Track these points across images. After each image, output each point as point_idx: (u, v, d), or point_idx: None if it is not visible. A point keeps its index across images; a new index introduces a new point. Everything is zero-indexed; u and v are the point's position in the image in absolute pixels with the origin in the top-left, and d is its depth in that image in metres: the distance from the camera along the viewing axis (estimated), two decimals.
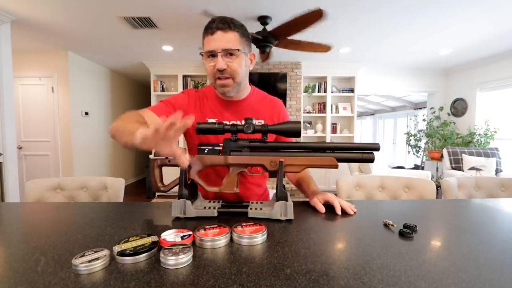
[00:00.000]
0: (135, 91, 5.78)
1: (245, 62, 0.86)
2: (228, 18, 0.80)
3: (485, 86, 4.16)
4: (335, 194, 0.91)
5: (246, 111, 0.94)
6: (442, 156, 4.10)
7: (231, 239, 0.56)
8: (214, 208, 0.72)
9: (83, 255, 0.46)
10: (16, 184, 2.71)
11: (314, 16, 2.16)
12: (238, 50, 0.80)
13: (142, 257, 0.48)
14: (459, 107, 4.61)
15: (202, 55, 0.83)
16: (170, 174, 0.78)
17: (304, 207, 0.81)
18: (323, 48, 2.83)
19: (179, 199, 0.70)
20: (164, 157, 0.75)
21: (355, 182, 1.23)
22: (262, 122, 0.93)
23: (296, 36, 2.58)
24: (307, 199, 0.86)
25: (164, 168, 0.77)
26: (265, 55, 3.05)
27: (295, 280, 0.42)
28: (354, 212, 0.76)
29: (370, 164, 3.50)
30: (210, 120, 0.90)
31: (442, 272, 0.44)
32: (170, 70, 4.38)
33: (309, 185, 0.90)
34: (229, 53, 0.80)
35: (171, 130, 0.49)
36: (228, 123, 0.89)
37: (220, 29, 0.79)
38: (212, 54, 0.80)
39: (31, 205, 0.94)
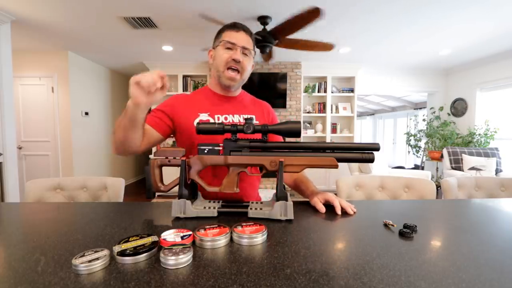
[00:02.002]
0: None
1: (251, 65, 0.97)
2: (249, 29, 0.94)
3: (485, 86, 4.16)
4: (335, 194, 0.91)
5: (236, 106, 0.99)
6: (442, 156, 4.10)
7: (231, 239, 0.56)
8: (214, 208, 0.72)
9: (83, 255, 0.46)
10: (16, 184, 2.71)
11: (311, 15, 2.16)
12: (253, 51, 0.94)
13: (142, 257, 0.48)
14: (459, 107, 4.61)
15: (218, 44, 0.91)
16: (170, 174, 0.78)
17: (304, 207, 0.81)
18: (326, 47, 2.81)
19: (179, 199, 0.70)
20: (164, 157, 0.75)
21: (355, 182, 1.23)
22: (253, 117, 0.98)
23: (297, 36, 2.58)
24: (307, 199, 0.86)
25: (164, 168, 0.77)
26: (267, 55, 3.05)
27: (295, 280, 0.42)
28: (354, 212, 0.76)
29: (370, 164, 3.50)
30: (202, 115, 0.94)
31: (442, 272, 0.44)
32: (170, 70, 4.38)
33: (307, 185, 0.91)
34: (245, 52, 0.91)
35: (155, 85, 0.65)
36: (228, 123, 0.90)
37: (244, 30, 0.91)
38: (230, 47, 0.89)
39: (31, 205, 0.94)
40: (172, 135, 0.98)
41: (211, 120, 0.94)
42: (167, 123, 0.93)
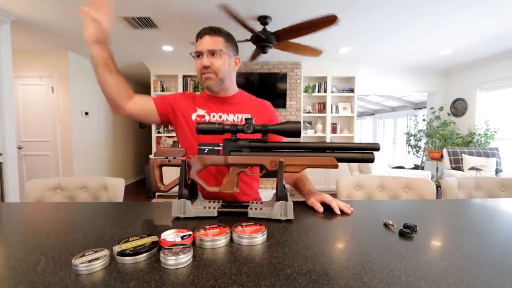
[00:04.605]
0: (135, 91, 5.64)
1: (229, 62, 0.96)
2: (216, 27, 0.94)
3: (485, 86, 4.16)
4: (335, 194, 0.91)
5: (231, 106, 1.01)
6: (442, 156, 4.10)
7: (231, 239, 0.56)
8: (214, 208, 0.72)
9: (83, 255, 0.46)
10: (16, 184, 2.71)
11: (326, 21, 2.16)
12: (221, 50, 0.92)
13: (142, 257, 0.48)
14: (459, 107, 4.61)
15: (193, 56, 0.96)
16: (170, 174, 0.78)
17: (304, 207, 0.81)
18: (313, 52, 2.84)
19: (179, 199, 0.70)
20: (164, 157, 0.75)
21: (355, 182, 1.23)
22: (249, 116, 0.99)
23: (298, 39, 2.58)
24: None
25: (164, 168, 0.77)
26: (253, 55, 3.04)
27: (295, 280, 0.42)
28: (351, 211, 0.76)
29: (370, 164, 3.50)
30: (199, 110, 0.98)
31: (442, 272, 0.44)
32: (170, 70, 4.38)
33: (305, 184, 0.92)
34: (213, 53, 0.91)
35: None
36: (228, 123, 0.91)
37: (207, 34, 0.92)
38: (199, 55, 0.93)
39: (31, 205, 0.94)
40: (169, 125, 1.04)
41: (207, 117, 0.98)
42: (167, 106, 0.99)
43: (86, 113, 4.11)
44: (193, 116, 0.97)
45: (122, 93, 0.90)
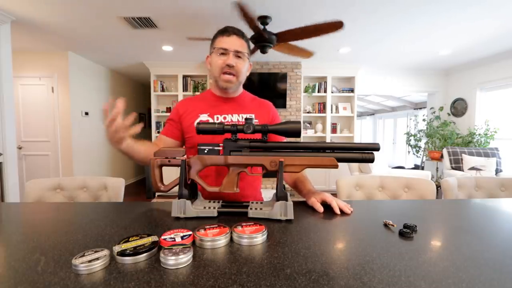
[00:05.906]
0: (135, 91, 5.78)
1: (247, 67, 0.99)
2: (241, 30, 0.95)
3: (485, 86, 4.16)
4: (335, 194, 0.91)
5: (235, 106, 1.01)
6: (442, 156, 4.10)
7: (231, 239, 0.56)
8: (214, 208, 0.72)
9: (83, 255, 0.46)
10: (16, 184, 2.71)
11: (332, 27, 2.19)
12: (247, 53, 0.95)
13: (142, 257, 0.48)
14: (459, 107, 4.61)
15: (213, 50, 0.95)
16: (170, 174, 0.78)
17: (304, 207, 0.81)
18: (307, 53, 2.87)
19: (179, 199, 0.70)
20: (164, 157, 0.75)
21: (355, 182, 1.23)
22: (253, 116, 1.00)
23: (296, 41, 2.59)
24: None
25: (164, 168, 0.77)
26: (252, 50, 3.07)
27: (295, 280, 0.42)
28: (351, 211, 0.76)
29: (370, 164, 3.50)
30: (202, 116, 0.98)
31: (442, 272, 0.44)
32: (170, 70, 4.38)
33: (305, 184, 0.92)
34: (238, 55, 0.93)
35: (115, 126, 0.71)
36: (228, 123, 0.91)
37: (236, 34, 0.93)
38: (223, 53, 0.92)
39: (31, 205, 0.94)
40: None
41: (211, 121, 0.97)
42: (177, 128, 1.00)
43: (86, 113, 4.11)
44: (196, 124, 0.97)
45: (150, 153, 0.89)
